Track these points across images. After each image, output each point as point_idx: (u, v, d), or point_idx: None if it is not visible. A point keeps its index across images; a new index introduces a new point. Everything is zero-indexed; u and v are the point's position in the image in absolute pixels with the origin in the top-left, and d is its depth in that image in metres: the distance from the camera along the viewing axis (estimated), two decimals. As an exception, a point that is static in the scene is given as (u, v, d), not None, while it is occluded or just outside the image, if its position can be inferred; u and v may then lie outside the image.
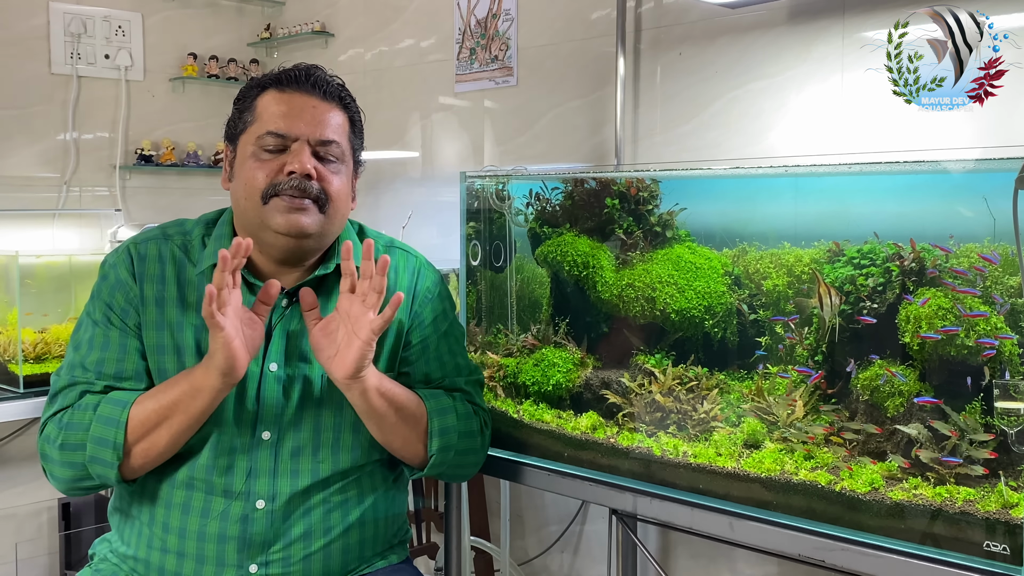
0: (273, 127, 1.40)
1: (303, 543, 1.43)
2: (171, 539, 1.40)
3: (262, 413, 1.41)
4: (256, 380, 1.41)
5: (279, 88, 1.43)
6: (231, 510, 1.39)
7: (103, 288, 1.46)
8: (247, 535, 1.40)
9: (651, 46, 2.40)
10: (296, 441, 1.42)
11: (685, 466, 1.47)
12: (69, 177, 3.10)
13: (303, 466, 1.42)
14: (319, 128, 1.42)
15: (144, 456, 1.36)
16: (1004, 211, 1.19)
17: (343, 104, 1.48)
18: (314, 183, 1.39)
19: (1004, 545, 1.18)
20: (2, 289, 2.43)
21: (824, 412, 1.40)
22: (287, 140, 1.40)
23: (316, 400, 1.43)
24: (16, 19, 3.00)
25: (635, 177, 1.68)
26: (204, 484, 1.40)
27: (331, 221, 1.43)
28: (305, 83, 1.43)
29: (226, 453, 1.40)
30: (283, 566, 1.42)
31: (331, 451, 1.44)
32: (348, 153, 1.48)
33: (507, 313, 1.80)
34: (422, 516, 2.60)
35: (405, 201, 3.06)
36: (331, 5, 3.33)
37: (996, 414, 1.22)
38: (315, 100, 1.43)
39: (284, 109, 1.41)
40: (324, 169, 1.42)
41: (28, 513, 2.95)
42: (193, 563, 1.40)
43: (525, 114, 2.72)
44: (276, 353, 1.42)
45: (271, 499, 1.40)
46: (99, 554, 1.52)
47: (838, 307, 1.36)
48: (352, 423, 1.45)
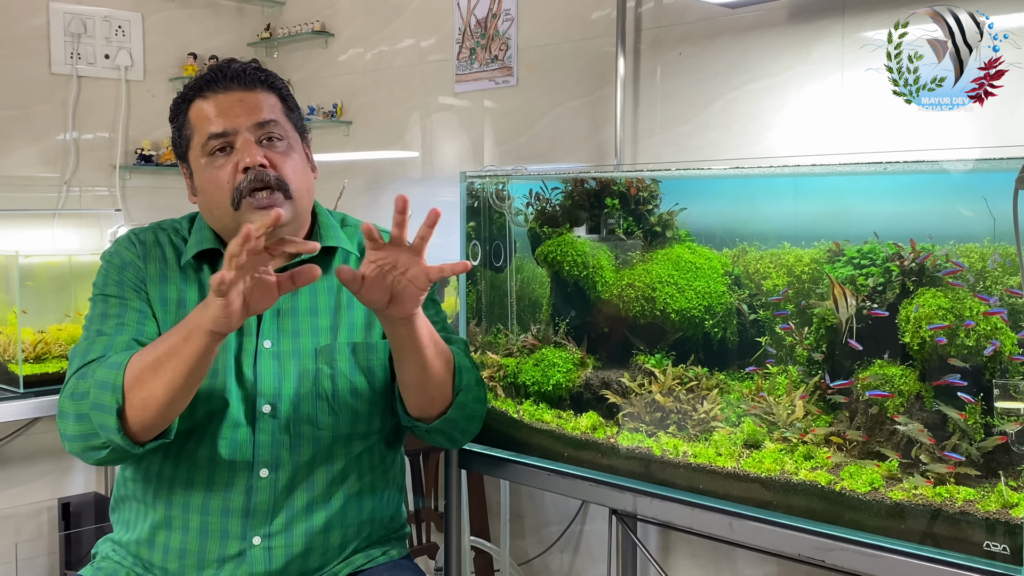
0: (211, 129, 1.44)
1: (305, 515, 1.45)
2: (175, 515, 1.43)
3: (260, 387, 1.44)
4: (252, 357, 1.45)
5: (202, 96, 1.47)
6: (235, 481, 1.42)
7: (111, 270, 1.49)
8: (250, 506, 1.42)
9: (651, 46, 2.40)
10: (295, 412, 1.44)
11: (685, 466, 1.47)
12: (69, 177, 3.10)
13: (304, 434, 1.45)
14: (253, 114, 1.45)
15: (142, 407, 1.31)
16: (1004, 211, 1.19)
17: (267, 85, 1.51)
18: (269, 172, 1.42)
19: (1004, 545, 1.18)
20: (2, 289, 2.43)
21: (824, 413, 1.40)
22: (229, 137, 1.44)
23: (312, 372, 1.46)
24: (16, 19, 3.00)
25: (635, 177, 1.68)
26: (208, 458, 1.42)
27: (299, 201, 1.46)
28: (224, 80, 1.47)
29: (230, 426, 1.42)
30: (285, 538, 1.44)
31: (331, 418, 1.46)
32: (289, 128, 1.50)
33: (507, 313, 1.80)
34: (422, 516, 2.60)
35: (405, 201, 3.06)
36: (331, 5, 3.33)
37: (996, 414, 1.22)
38: (239, 93, 1.47)
39: (214, 111, 1.45)
40: (274, 154, 1.45)
41: (28, 513, 2.95)
42: (197, 538, 1.42)
43: (525, 114, 2.72)
44: (269, 331, 1.46)
45: (274, 467, 1.43)
46: (101, 552, 1.54)
47: (855, 307, 1.35)
48: (350, 390, 1.47)
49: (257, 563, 1.43)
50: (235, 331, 1.41)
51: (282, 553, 1.44)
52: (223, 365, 1.43)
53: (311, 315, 1.49)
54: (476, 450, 1.73)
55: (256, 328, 1.46)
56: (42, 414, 2.33)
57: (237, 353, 1.45)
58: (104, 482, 3.06)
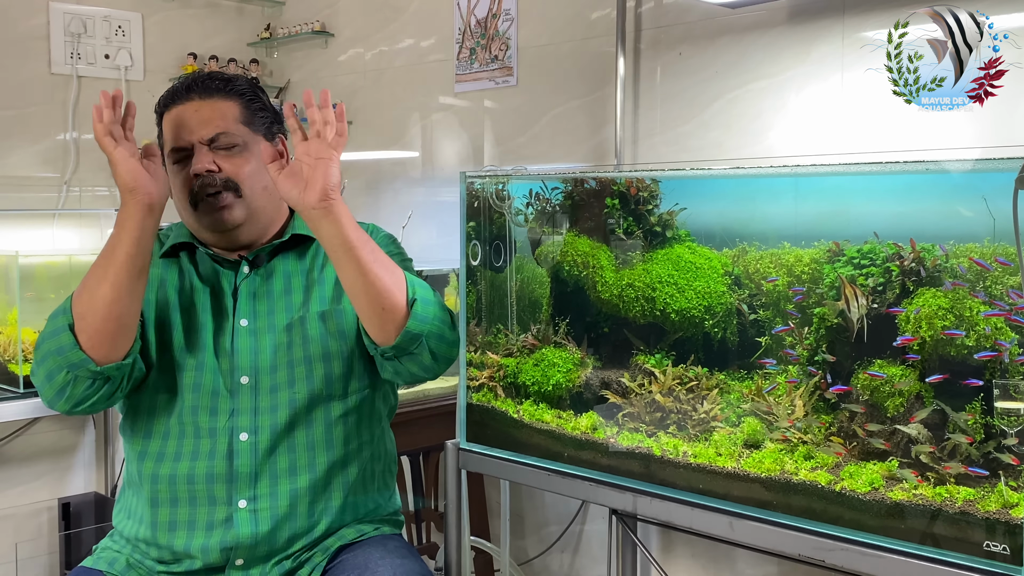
0: (173, 144, 1.55)
1: (289, 478, 1.51)
2: (162, 488, 1.50)
3: (238, 361, 1.53)
4: (230, 335, 1.54)
5: (168, 108, 1.57)
6: (217, 447, 1.50)
7: None
8: (233, 469, 1.49)
9: (651, 46, 2.40)
10: (273, 380, 1.53)
11: (685, 466, 1.47)
12: (69, 177, 3.10)
13: (281, 399, 1.52)
14: (204, 128, 1.53)
15: (92, 312, 1.41)
16: (1004, 211, 1.19)
17: (226, 91, 1.57)
18: (217, 175, 1.52)
19: (1004, 545, 1.18)
20: (2, 289, 2.43)
21: (824, 413, 1.40)
22: (187, 151, 1.54)
23: (286, 343, 1.54)
24: (16, 19, 3.00)
25: (635, 177, 1.68)
26: (191, 426, 1.51)
27: (254, 198, 1.54)
28: (184, 93, 1.56)
29: (209, 395, 1.51)
30: (270, 500, 1.50)
31: (306, 381, 1.54)
32: (245, 133, 1.56)
33: (507, 313, 1.80)
34: (422, 516, 2.60)
35: (405, 201, 3.06)
36: (331, 5, 3.33)
37: (996, 414, 1.23)
38: (196, 104, 1.55)
39: (175, 124, 1.55)
40: (225, 159, 1.53)
41: (28, 513, 2.95)
42: (187, 507, 1.50)
43: (525, 114, 2.72)
44: (244, 311, 1.55)
45: (253, 432, 1.51)
46: (102, 544, 1.60)
47: (866, 308, 1.35)
48: (322, 354, 1.55)
49: (244, 525, 1.48)
50: (212, 312, 1.55)
51: (268, 515, 1.49)
52: (202, 342, 1.53)
53: (285, 295, 1.58)
54: (476, 450, 1.73)
55: (232, 309, 1.55)
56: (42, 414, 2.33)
57: (215, 331, 1.54)
58: (104, 482, 3.06)
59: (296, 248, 1.61)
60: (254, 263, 1.59)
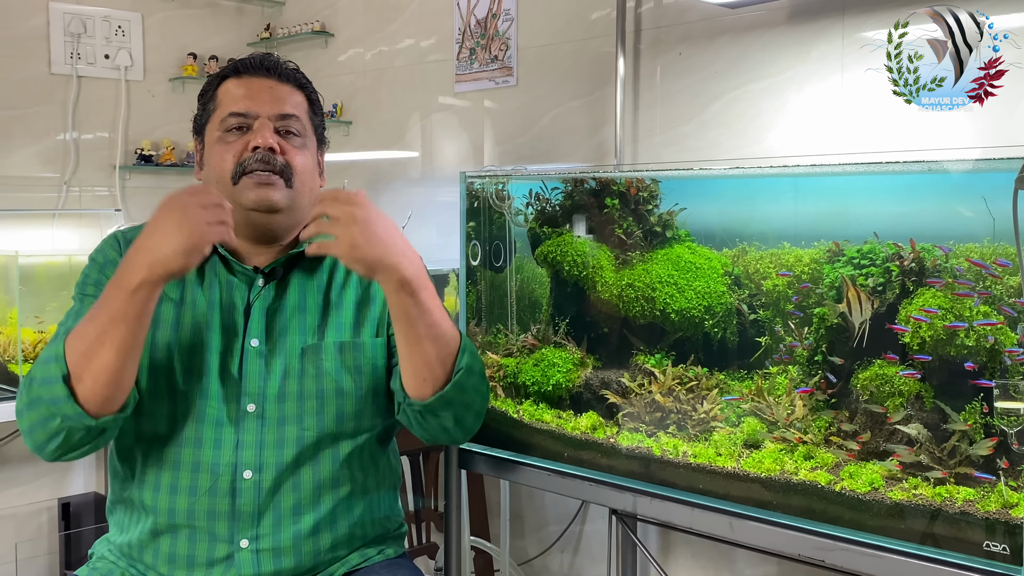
0: (234, 108, 1.47)
1: (293, 518, 1.43)
2: (162, 521, 1.41)
3: (245, 386, 1.43)
4: (238, 356, 1.44)
5: (237, 75, 1.51)
6: (219, 484, 1.41)
7: (92, 270, 1.49)
8: (235, 507, 1.41)
9: (651, 46, 2.40)
10: (280, 412, 1.43)
11: (685, 466, 1.47)
12: (69, 177, 3.10)
13: (288, 435, 1.43)
14: (278, 104, 1.48)
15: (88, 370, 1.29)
16: (1004, 211, 1.19)
17: (299, 85, 1.54)
18: (278, 157, 1.44)
19: (1004, 545, 1.18)
20: (2, 289, 2.43)
21: (824, 413, 1.40)
22: (249, 119, 1.46)
23: (298, 371, 1.45)
24: (16, 19, 3.00)
25: (635, 177, 1.68)
26: (192, 461, 1.41)
27: (299, 195, 1.47)
28: (260, 68, 1.50)
29: (212, 426, 1.41)
30: (273, 541, 1.42)
31: (316, 418, 1.44)
32: (310, 129, 1.53)
33: (507, 313, 1.80)
34: (422, 516, 2.60)
35: (405, 201, 3.06)
36: (331, 5, 3.33)
37: (996, 414, 1.22)
38: (271, 81, 1.50)
39: (243, 91, 1.48)
40: (287, 144, 1.47)
41: (28, 513, 2.95)
42: (186, 541, 1.41)
43: (525, 114, 2.72)
44: (256, 330, 1.45)
45: (258, 469, 1.41)
46: (97, 552, 1.53)
47: (870, 311, 1.35)
48: (335, 390, 1.46)
49: (245, 566, 1.41)
50: (221, 331, 1.44)
51: (270, 556, 1.42)
52: (207, 365, 1.43)
53: (299, 312, 1.48)
54: (476, 450, 1.73)
55: (243, 327, 1.45)
56: (42, 414, 2.32)
57: (223, 352, 1.44)
58: (104, 482, 3.06)
59: (313, 258, 1.50)
60: (269, 276, 1.48)
